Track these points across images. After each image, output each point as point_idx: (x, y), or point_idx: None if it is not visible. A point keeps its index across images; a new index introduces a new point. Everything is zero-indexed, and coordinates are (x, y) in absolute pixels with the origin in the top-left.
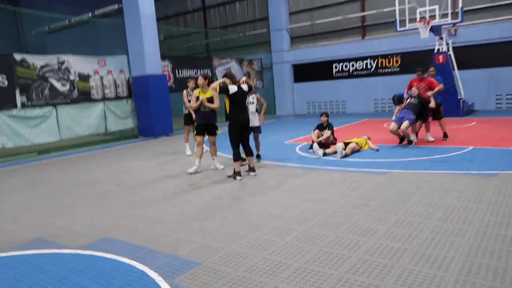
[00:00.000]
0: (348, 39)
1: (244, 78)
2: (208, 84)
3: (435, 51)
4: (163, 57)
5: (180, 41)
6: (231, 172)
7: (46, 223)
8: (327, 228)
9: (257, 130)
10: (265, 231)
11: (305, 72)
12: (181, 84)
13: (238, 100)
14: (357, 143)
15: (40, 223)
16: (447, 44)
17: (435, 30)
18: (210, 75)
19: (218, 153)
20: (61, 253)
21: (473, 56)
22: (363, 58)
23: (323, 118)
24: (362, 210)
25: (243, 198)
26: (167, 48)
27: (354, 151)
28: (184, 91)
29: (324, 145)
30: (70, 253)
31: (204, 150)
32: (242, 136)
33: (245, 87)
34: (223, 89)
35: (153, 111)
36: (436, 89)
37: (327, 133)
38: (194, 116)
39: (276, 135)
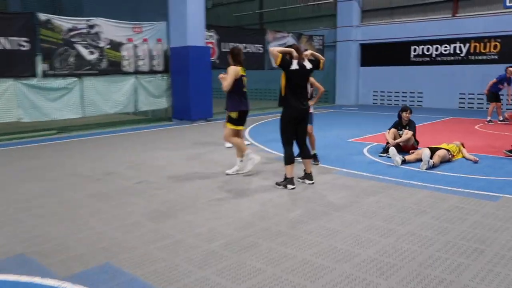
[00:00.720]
0: (434, 15)
1: (308, 52)
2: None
3: None
4: (208, 27)
5: (230, 10)
6: (280, 178)
7: (36, 232)
8: (425, 286)
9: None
10: (328, 281)
11: (376, 54)
12: (227, 60)
13: (297, 82)
14: (448, 151)
15: (29, 231)
16: None
17: None
18: (262, 50)
19: (256, 147)
20: (39, 285)
21: None
22: (451, 41)
23: (406, 115)
24: (475, 260)
25: (296, 220)
26: (214, 17)
27: (443, 161)
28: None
29: (402, 149)
30: (50, 286)
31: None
32: (297, 131)
33: (308, 65)
34: (284, 63)
35: (191, 90)
36: None
37: (407, 133)
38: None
39: (336, 130)
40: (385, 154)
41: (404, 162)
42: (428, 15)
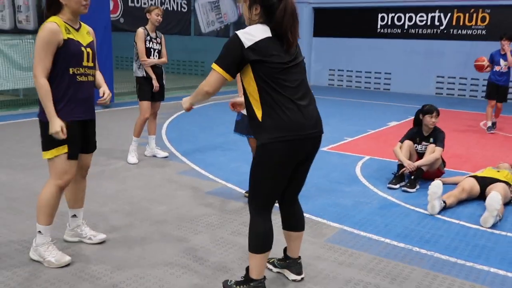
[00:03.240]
0: None
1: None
2: None
3: None
4: None
5: None
6: (236, 275)
7: None
8: None
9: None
10: None
11: (333, 22)
12: (135, 19)
13: (284, 70)
14: (507, 184)
15: None
16: None
17: None
18: (186, 8)
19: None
20: None
21: None
22: (428, 9)
23: (431, 120)
24: None
25: None
26: None
27: (505, 202)
28: (142, 30)
29: (426, 175)
30: None
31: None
32: (294, 177)
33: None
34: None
35: None
36: None
37: (433, 150)
38: (155, 82)
39: None
40: (397, 185)
41: (444, 208)
42: None
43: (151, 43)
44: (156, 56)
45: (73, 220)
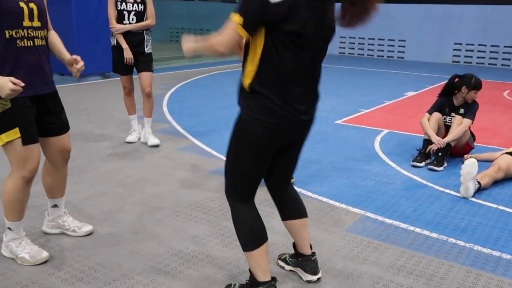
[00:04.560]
0: None
1: None
2: None
3: None
4: None
5: None
6: (243, 273)
7: None
8: None
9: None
10: None
11: None
12: None
13: (300, 40)
14: None
15: None
16: None
17: None
18: None
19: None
20: None
21: None
22: None
23: (474, 95)
24: None
25: None
26: None
27: None
28: None
29: (452, 152)
30: None
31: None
32: (278, 163)
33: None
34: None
35: (74, 25)
36: None
37: (461, 121)
38: (126, 52)
39: None
40: (422, 163)
41: (479, 189)
42: None
43: (123, 4)
44: (133, 19)
45: (54, 210)
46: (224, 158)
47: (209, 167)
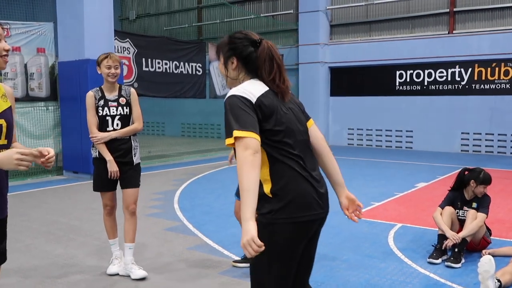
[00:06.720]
0: (426, 32)
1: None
2: None
3: None
4: (120, 35)
5: (160, 22)
6: None
7: None
8: None
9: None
10: None
11: (350, 81)
12: (150, 83)
13: (292, 132)
14: None
15: None
16: None
17: None
18: (201, 71)
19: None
20: None
21: None
22: (448, 65)
23: (483, 190)
24: None
25: None
26: (139, 31)
27: None
28: (90, 94)
29: (470, 246)
30: None
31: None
32: (302, 259)
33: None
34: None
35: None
36: None
37: (475, 216)
38: (110, 165)
39: None
40: (439, 259)
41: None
42: (417, 31)
43: (106, 108)
44: (117, 125)
45: None
46: (234, 257)
47: (221, 268)
